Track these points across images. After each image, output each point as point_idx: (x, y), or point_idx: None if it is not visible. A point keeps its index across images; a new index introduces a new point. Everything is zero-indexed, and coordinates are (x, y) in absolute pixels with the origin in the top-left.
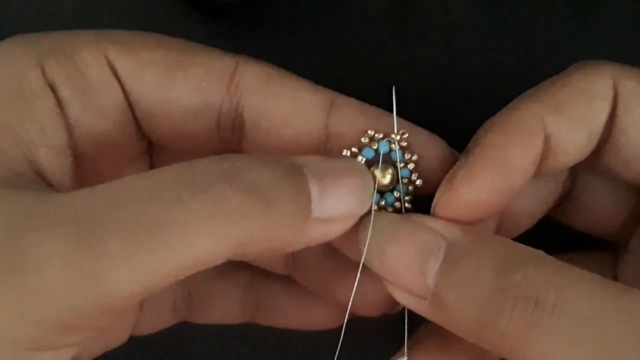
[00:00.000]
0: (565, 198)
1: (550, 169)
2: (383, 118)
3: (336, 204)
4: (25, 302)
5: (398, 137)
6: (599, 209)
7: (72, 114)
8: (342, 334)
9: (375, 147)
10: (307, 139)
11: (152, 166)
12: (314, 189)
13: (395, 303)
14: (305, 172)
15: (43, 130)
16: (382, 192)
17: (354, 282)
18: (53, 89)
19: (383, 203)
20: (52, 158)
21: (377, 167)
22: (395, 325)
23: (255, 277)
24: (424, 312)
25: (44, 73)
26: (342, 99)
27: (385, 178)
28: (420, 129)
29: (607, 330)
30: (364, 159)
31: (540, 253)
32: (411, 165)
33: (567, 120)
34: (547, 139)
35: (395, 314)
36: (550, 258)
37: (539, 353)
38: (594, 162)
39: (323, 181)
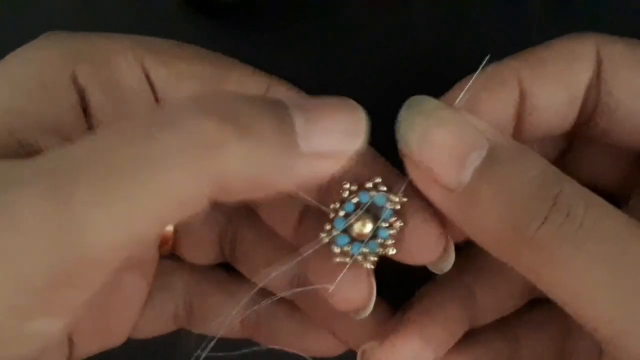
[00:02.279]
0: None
1: (534, 130)
2: (386, 171)
3: (325, 137)
4: (3, 265)
5: (383, 192)
6: (596, 171)
7: (101, 117)
8: None
9: (355, 200)
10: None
11: None
12: (298, 120)
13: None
14: (288, 105)
15: (59, 122)
16: (362, 240)
17: (354, 320)
18: (83, 93)
19: (366, 250)
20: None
21: (357, 218)
22: None
23: (258, 294)
24: (448, 207)
25: (74, 76)
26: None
27: (365, 227)
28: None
29: (626, 252)
30: (345, 212)
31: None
32: (391, 214)
33: (545, 77)
34: (524, 95)
35: None
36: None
37: (559, 263)
38: (589, 130)
39: (308, 113)
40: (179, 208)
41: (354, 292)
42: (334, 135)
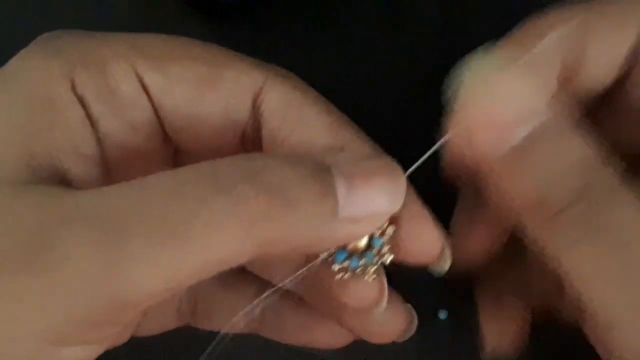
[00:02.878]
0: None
1: (578, 86)
2: (385, 169)
3: (365, 203)
4: (49, 296)
5: None
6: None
7: (102, 127)
8: None
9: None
10: None
11: (176, 166)
12: (341, 188)
13: (405, 332)
14: (333, 172)
15: (73, 139)
16: (359, 253)
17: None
18: (83, 102)
19: (363, 262)
20: (81, 167)
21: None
22: None
23: (263, 290)
24: (488, 165)
25: (73, 86)
26: (350, 140)
27: (361, 242)
28: None
29: (631, 245)
30: None
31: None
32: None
33: (604, 30)
34: (583, 46)
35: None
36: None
37: (570, 246)
38: (617, 96)
39: (352, 181)
40: (220, 265)
41: (365, 292)
42: (374, 201)
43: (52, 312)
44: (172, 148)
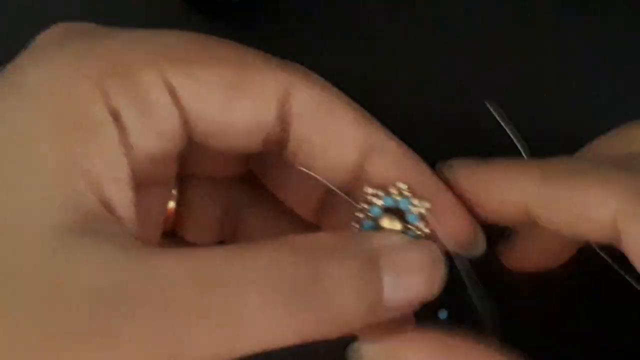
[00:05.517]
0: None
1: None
2: (416, 171)
3: (408, 294)
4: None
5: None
6: None
7: (133, 140)
8: None
9: (380, 202)
10: (341, 170)
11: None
12: (388, 282)
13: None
14: (381, 265)
15: (109, 163)
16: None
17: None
18: (116, 115)
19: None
20: (117, 191)
21: (386, 218)
22: None
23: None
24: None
25: (107, 99)
26: (382, 143)
27: (394, 225)
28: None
29: None
30: (372, 215)
31: None
32: (416, 219)
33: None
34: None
35: None
36: None
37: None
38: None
39: (399, 275)
40: (258, 350)
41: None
42: (417, 288)
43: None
44: (188, 149)
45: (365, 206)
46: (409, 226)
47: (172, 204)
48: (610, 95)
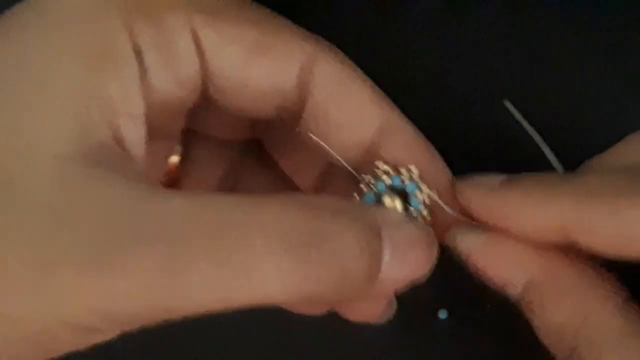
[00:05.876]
0: None
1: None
2: (427, 157)
3: (403, 269)
4: (103, 295)
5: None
6: None
7: (153, 81)
8: None
9: (388, 180)
10: (354, 146)
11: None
12: (386, 254)
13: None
14: (383, 236)
15: (126, 97)
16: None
17: None
18: (139, 53)
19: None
20: (131, 127)
21: (387, 196)
22: None
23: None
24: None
25: (132, 36)
26: (398, 124)
27: (395, 204)
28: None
29: None
30: (375, 191)
31: None
32: (419, 205)
33: None
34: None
35: None
36: None
37: None
38: None
39: (397, 249)
40: (258, 304)
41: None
42: (410, 266)
43: (100, 309)
44: (200, 104)
45: (373, 180)
46: (410, 209)
47: (175, 159)
48: (620, 96)
